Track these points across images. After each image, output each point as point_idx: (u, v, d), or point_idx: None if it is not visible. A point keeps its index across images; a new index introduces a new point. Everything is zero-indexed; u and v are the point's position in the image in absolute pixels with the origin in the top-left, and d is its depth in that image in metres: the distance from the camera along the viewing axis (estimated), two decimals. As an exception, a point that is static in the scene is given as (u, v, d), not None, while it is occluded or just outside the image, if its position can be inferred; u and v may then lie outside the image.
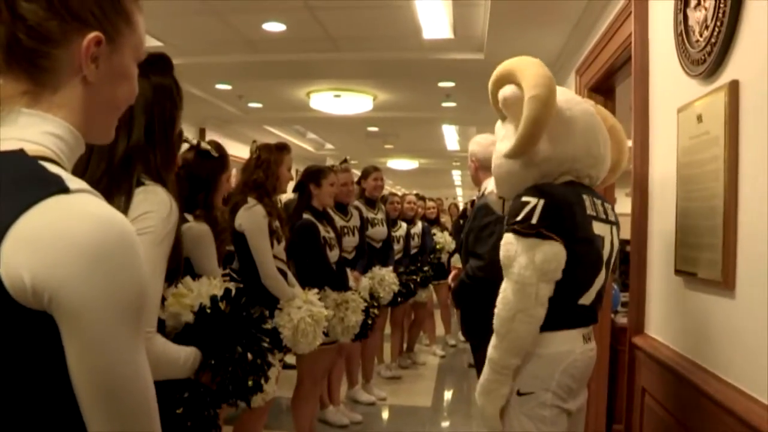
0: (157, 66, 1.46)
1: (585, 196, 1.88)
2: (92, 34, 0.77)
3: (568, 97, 1.97)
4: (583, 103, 2.02)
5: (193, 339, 1.51)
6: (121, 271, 0.69)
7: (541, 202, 1.78)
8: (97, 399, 0.70)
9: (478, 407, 1.93)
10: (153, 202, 1.35)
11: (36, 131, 0.76)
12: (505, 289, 1.81)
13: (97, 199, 0.72)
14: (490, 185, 2.31)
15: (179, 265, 1.45)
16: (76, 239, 0.67)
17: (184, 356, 1.45)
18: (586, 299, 1.89)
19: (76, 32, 0.77)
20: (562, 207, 1.79)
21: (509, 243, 1.81)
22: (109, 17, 0.80)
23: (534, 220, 1.76)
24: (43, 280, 0.65)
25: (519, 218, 1.79)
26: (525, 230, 1.77)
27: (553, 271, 1.76)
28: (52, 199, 0.68)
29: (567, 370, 1.85)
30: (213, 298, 1.58)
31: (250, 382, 1.62)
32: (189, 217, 2.33)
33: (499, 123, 2.11)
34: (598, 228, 1.88)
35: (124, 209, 1.31)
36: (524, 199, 1.81)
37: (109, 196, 1.31)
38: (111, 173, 1.35)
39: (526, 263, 1.75)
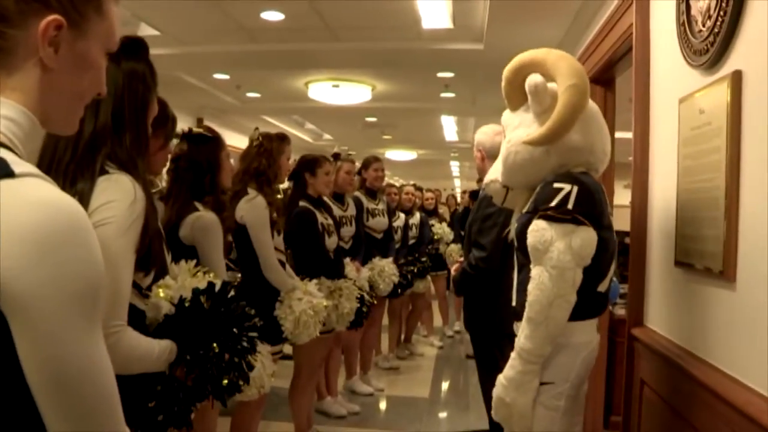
0: (128, 51, 1.43)
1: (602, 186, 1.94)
2: (51, 17, 0.74)
3: None
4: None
5: (170, 332, 1.48)
6: (72, 259, 0.66)
7: (576, 188, 1.80)
8: (52, 394, 0.67)
9: (506, 404, 1.84)
10: (115, 190, 1.32)
11: None
12: (540, 275, 1.78)
13: (45, 183, 0.68)
14: (491, 174, 2.28)
15: (150, 252, 1.41)
16: (21, 226, 0.63)
17: (158, 350, 1.41)
18: (603, 286, 1.91)
19: (34, 13, 0.73)
20: (593, 194, 1.83)
21: (542, 229, 1.79)
22: (75, 2, 0.77)
23: (570, 206, 1.78)
24: None
25: (553, 204, 1.80)
26: (560, 215, 1.78)
27: (588, 257, 1.78)
28: None
29: (586, 360, 1.88)
30: (195, 291, 1.53)
31: (225, 381, 1.57)
32: (199, 206, 2.32)
33: (507, 113, 2.10)
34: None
35: (87, 196, 1.29)
36: (557, 185, 1.82)
37: (74, 183, 1.30)
38: (77, 159, 1.34)
39: (564, 248, 1.75)
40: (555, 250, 1.76)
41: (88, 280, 0.68)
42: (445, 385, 5.39)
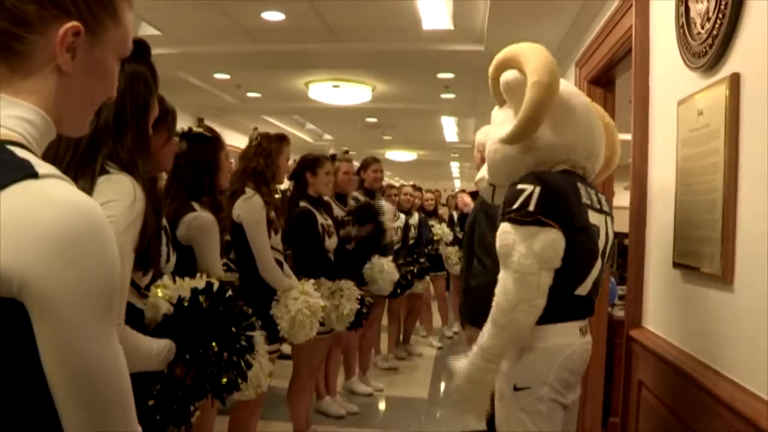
0: (131, 53, 1.45)
1: (580, 185, 1.86)
2: (70, 24, 0.75)
3: (569, 88, 1.96)
4: (582, 96, 2.02)
5: (170, 331, 1.49)
6: (92, 257, 0.68)
7: (538, 188, 1.75)
8: (71, 390, 0.68)
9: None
10: (116, 190, 1.33)
11: (3, 115, 0.73)
12: (504, 278, 1.77)
13: (67, 184, 0.71)
14: (481, 172, 2.28)
15: (149, 251, 1.42)
16: (44, 226, 0.65)
17: (156, 349, 1.43)
18: (583, 290, 1.86)
19: (54, 19, 0.75)
20: (558, 194, 1.77)
21: (506, 232, 1.77)
22: (93, 9, 0.78)
23: (531, 207, 1.73)
24: (11, 268, 0.64)
25: (515, 206, 1.76)
26: (522, 218, 1.74)
27: (552, 259, 1.73)
28: (20, 184, 0.66)
29: (564, 363, 1.82)
30: (194, 291, 1.55)
31: (224, 380, 1.58)
32: (196, 206, 2.32)
33: (496, 109, 2.09)
34: (593, 217, 1.86)
35: (87, 195, 1.31)
36: (520, 186, 1.78)
37: (75, 182, 1.30)
38: (77, 158, 1.34)
39: (525, 252, 1.72)
40: (516, 254, 1.73)
41: (106, 279, 0.70)
42: (443, 386, 5.38)
